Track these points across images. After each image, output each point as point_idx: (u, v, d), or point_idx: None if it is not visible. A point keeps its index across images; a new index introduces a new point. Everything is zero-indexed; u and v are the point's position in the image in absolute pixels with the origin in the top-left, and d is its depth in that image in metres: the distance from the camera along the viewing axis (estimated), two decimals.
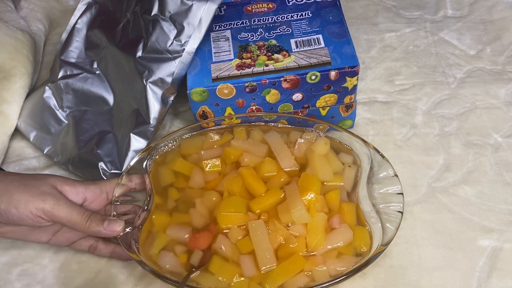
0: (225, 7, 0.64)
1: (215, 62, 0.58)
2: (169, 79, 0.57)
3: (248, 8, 0.64)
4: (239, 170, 0.54)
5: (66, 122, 0.63)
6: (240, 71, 0.57)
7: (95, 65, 0.63)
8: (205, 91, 0.57)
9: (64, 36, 0.65)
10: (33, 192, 0.47)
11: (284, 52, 0.58)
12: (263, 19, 0.62)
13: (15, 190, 0.47)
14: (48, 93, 0.64)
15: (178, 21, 0.57)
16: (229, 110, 0.59)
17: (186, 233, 0.51)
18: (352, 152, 0.56)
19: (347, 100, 0.59)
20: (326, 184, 0.53)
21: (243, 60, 0.58)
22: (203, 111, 0.59)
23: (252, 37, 0.60)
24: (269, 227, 0.50)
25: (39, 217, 0.47)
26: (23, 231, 0.51)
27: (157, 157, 0.57)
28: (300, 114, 0.60)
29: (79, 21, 0.64)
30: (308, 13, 0.62)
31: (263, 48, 0.59)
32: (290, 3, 0.64)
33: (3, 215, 0.46)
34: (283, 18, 0.62)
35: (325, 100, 0.59)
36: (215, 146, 0.57)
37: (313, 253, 0.50)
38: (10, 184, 0.47)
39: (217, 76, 0.57)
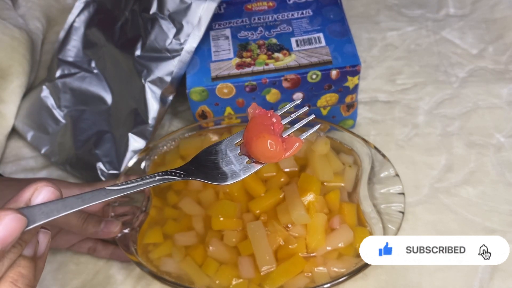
0: (224, 5, 0.64)
1: (215, 61, 0.58)
2: (168, 78, 0.57)
3: (248, 6, 0.63)
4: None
5: (64, 121, 0.62)
6: (240, 70, 0.56)
7: (93, 64, 0.62)
8: (204, 91, 0.56)
9: (62, 34, 0.64)
10: None
11: (285, 51, 0.57)
12: (263, 17, 0.62)
13: (12, 195, 0.46)
14: (45, 92, 0.64)
15: (177, 19, 0.56)
16: (228, 110, 0.59)
17: (190, 238, 0.51)
18: (353, 152, 0.55)
19: (348, 99, 0.59)
20: (326, 184, 0.53)
21: (243, 59, 0.57)
22: (202, 110, 0.58)
23: (252, 36, 0.60)
24: (268, 228, 0.50)
25: None
26: None
27: (155, 157, 0.56)
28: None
29: (76, 19, 0.64)
30: (308, 11, 0.62)
31: (263, 47, 0.58)
32: (291, 1, 0.63)
33: None
34: (283, 16, 0.62)
35: (326, 100, 0.58)
36: None
37: (313, 254, 0.50)
38: (6, 189, 0.47)
39: (216, 75, 0.56)
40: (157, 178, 0.34)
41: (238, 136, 0.38)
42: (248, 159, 0.37)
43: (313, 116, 0.40)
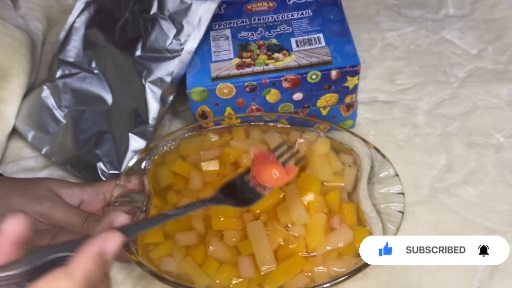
0: (225, 5, 0.64)
1: (215, 62, 0.58)
2: (168, 79, 0.57)
3: (248, 6, 0.64)
4: (238, 171, 0.53)
5: (65, 122, 0.62)
6: (240, 71, 0.56)
7: (93, 65, 0.62)
8: (204, 91, 0.56)
9: (62, 35, 0.64)
10: (30, 196, 0.47)
11: (285, 51, 0.58)
12: (263, 18, 0.62)
13: (13, 194, 0.47)
14: (46, 92, 0.64)
15: (177, 20, 0.56)
16: (229, 110, 0.59)
17: (190, 238, 0.51)
18: (352, 152, 0.56)
19: (348, 99, 0.59)
20: (326, 184, 0.53)
21: (243, 60, 0.57)
22: (202, 111, 0.59)
23: (252, 36, 0.60)
24: (268, 228, 0.50)
25: (37, 220, 0.47)
26: None
27: (156, 157, 0.56)
28: (300, 114, 0.60)
29: (77, 20, 0.64)
30: (308, 12, 0.62)
31: (263, 47, 0.58)
32: (291, 1, 0.63)
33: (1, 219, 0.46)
34: (283, 17, 0.62)
35: (326, 100, 0.58)
36: (214, 147, 0.57)
37: (313, 254, 0.50)
38: (8, 188, 0.47)
39: (216, 75, 0.56)
40: (198, 204, 0.43)
41: (246, 174, 0.47)
42: (259, 187, 0.46)
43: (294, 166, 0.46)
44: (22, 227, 0.31)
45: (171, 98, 0.58)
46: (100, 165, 0.58)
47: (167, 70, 0.57)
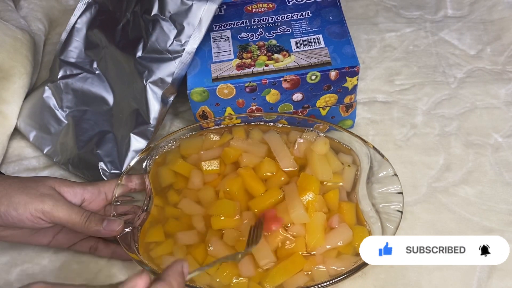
0: (225, 7, 0.64)
1: (215, 62, 0.58)
2: (169, 79, 0.57)
3: (248, 8, 0.64)
4: (238, 171, 0.54)
5: (66, 122, 0.63)
6: (240, 71, 0.57)
7: (94, 65, 0.63)
8: (205, 91, 0.57)
9: (64, 36, 0.65)
10: (32, 194, 0.47)
11: (284, 52, 0.58)
12: (263, 19, 0.62)
13: (14, 192, 0.47)
14: (47, 93, 0.64)
15: (178, 21, 0.57)
16: (229, 110, 0.59)
17: (191, 237, 0.51)
18: (352, 152, 0.56)
19: (347, 100, 0.59)
20: (325, 184, 0.53)
21: (243, 60, 0.58)
22: (203, 111, 0.59)
23: (252, 37, 0.60)
24: None
25: (39, 218, 0.47)
26: (23, 234, 0.51)
27: (157, 157, 0.57)
28: (300, 114, 0.60)
29: (78, 20, 0.64)
30: (308, 13, 0.62)
31: (263, 48, 0.59)
32: (290, 3, 0.64)
33: (3, 217, 0.47)
34: (283, 18, 0.62)
35: (325, 100, 0.59)
36: (215, 147, 0.57)
37: (312, 253, 0.50)
38: (9, 187, 0.47)
39: (217, 76, 0.57)
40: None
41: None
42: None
43: None
44: None
45: (172, 98, 0.58)
46: (102, 165, 0.58)
47: (168, 70, 0.57)
